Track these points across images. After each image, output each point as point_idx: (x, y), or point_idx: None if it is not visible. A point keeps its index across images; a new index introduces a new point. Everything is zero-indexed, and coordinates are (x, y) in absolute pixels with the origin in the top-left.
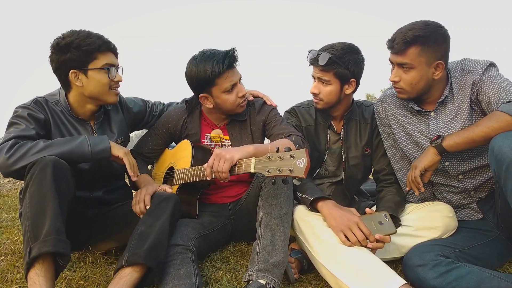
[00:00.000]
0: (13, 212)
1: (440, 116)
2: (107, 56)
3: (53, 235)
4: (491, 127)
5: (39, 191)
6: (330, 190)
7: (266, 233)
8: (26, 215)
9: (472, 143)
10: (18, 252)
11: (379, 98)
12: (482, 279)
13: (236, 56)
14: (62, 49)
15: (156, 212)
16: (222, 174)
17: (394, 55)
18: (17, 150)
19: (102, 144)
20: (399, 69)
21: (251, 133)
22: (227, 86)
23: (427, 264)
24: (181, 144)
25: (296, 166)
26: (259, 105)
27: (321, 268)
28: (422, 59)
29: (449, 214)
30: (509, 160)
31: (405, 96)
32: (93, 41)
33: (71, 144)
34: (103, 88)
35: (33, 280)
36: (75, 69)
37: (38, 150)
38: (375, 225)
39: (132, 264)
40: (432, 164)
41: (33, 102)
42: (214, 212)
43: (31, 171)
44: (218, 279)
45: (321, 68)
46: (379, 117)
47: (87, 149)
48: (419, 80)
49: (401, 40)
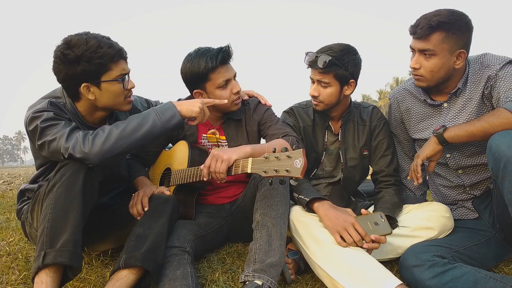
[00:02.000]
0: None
1: (453, 107)
2: (120, 65)
3: (70, 247)
4: (491, 123)
5: (66, 195)
6: (327, 191)
7: (262, 234)
8: (47, 215)
9: (472, 137)
10: (13, 254)
11: (391, 95)
12: (477, 280)
13: (231, 52)
14: (72, 62)
15: (154, 214)
16: (219, 174)
17: (417, 41)
18: (95, 138)
19: (175, 118)
20: (420, 55)
21: (246, 133)
22: (220, 81)
23: (423, 264)
24: (178, 145)
25: (293, 167)
26: (254, 104)
27: (317, 269)
28: (445, 46)
29: (446, 214)
30: (506, 158)
31: (424, 84)
32: (106, 51)
33: (144, 128)
34: (117, 99)
35: (40, 282)
36: (87, 82)
37: (120, 137)
38: (370, 225)
39: (129, 267)
40: (434, 154)
41: (49, 103)
42: (210, 213)
43: (62, 171)
44: (215, 279)
45: (321, 71)
46: (391, 112)
47: (161, 126)
48: (440, 68)
49: (426, 25)
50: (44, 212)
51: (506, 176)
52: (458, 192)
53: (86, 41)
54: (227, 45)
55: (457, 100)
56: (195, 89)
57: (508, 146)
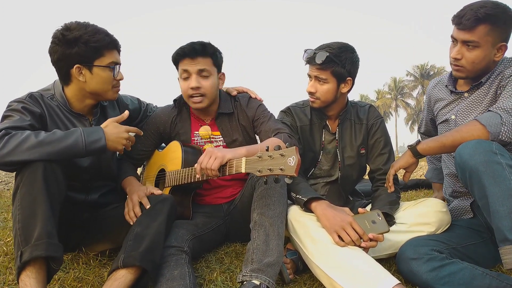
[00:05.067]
0: (5, 213)
1: (471, 97)
2: (113, 54)
3: (44, 239)
4: (460, 131)
5: (29, 193)
6: (324, 190)
7: (260, 234)
8: (16, 218)
9: (444, 149)
10: (11, 254)
11: (428, 85)
12: (474, 276)
13: (197, 49)
14: (69, 42)
15: (152, 214)
16: (211, 171)
17: (461, 31)
18: (7, 142)
19: (99, 143)
20: (463, 46)
21: (240, 127)
22: (180, 71)
23: (421, 257)
24: (171, 146)
25: (287, 165)
26: (246, 100)
27: (315, 269)
28: (490, 38)
29: (442, 209)
30: (469, 167)
31: (464, 75)
32: (102, 37)
33: (65, 142)
34: (106, 85)
35: (24, 283)
36: (80, 64)
37: (30, 147)
38: (368, 224)
39: (127, 266)
40: (408, 166)
41: (28, 96)
42: (208, 213)
43: (22, 172)
44: (213, 279)
45: (318, 67)
46: (428, 103)
47: (82, 147)
48: (482, 60)
49: (473, 17)
50: (14, 215)
51: (473, 184)
52: (460, 184)
53: (85, 26)
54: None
55: (476, 92)
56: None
57: (470, 156)
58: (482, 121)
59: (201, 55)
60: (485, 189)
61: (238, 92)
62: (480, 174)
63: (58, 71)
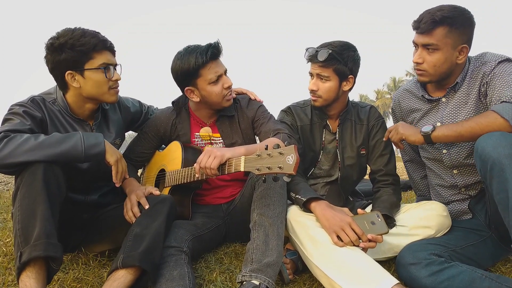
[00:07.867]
0: (5, 214)
1: (450, 102)
2: (103, 55)
3: (43, 239)
4: (479, 123)
5: (29, 194)
6: (324, 190)
7: (259, 234)
8: (16, 219)
9: (460, 138)
10: (10, 254)
11: (393, 97)
12: (473, 280)
13: (220, 48)
14: (57, 49)
15: (152, 214)
16: (210, 170)
17: (420, 35)
18: (6, 144)
19: (97, 148)
20: (423, 50)
21: (240, 130)
22: (212, 77)
23: (420, 262)
24: (171, 146)
25: (285, 163)
26: (246, 101)
27: (315, 269)
28: (449, 40)
29: (443, 213)
30: (492, 160)
31: (427, 79)
32: (88, 40)
33: (64, 145)
34: (101, 88)
35: (24, 283)
36: (71, 70)
37: (29, 149)
38: (367, 225)
39: (127, 266)
40: (412, 142)
41: (30, 100)
42: (208, 213)
43: (22, 173)
44: (212, 280)
45: (321, 64)
46: (395, 116)
47: (81, 151)
48: (443, 63)
49: (429, 20)
50: (14, 216)
51: (493, 177)
52: (453, 192)
53: (72, 31)
54: (216, 41)
55: (455, 95)
56: (187, 87)
57: (494, 148)
58: (504, 114)
59: None
60: (507, 183)
61: (238, 94)
62: (503, 167)
63: (55, 80)
